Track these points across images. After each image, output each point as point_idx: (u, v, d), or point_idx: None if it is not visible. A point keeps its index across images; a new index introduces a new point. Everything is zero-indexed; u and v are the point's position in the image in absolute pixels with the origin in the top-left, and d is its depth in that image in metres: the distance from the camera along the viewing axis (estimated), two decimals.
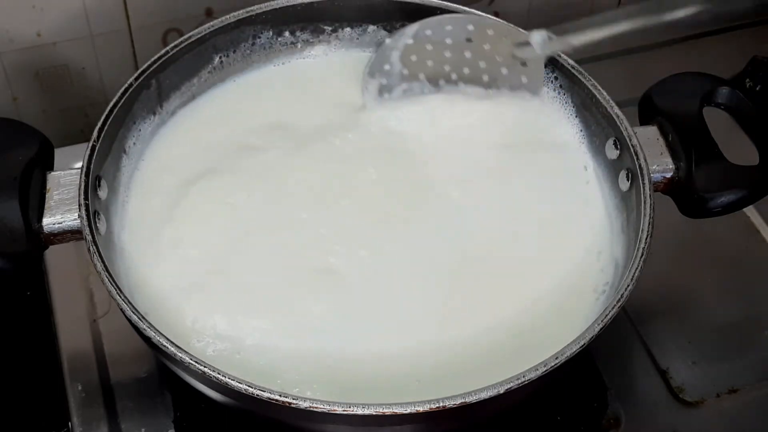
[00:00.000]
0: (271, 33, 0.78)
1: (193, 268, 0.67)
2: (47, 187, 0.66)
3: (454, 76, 0.76)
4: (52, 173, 0.66)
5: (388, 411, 0.54)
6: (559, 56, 0.74)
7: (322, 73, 0.80)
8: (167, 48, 0.73)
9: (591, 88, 0.72)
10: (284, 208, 0.70)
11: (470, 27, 0.75)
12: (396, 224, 0.69)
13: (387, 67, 0.76)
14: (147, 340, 0.58)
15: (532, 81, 0.76)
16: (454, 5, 0.76)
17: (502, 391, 0.55)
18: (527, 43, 0.73)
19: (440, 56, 0.76)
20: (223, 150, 0.73)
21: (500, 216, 0.70)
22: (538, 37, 0.73)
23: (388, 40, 0.76)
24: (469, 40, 0.75)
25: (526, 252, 0.69)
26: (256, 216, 0.69)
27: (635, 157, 0.67)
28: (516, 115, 0.76)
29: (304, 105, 0.77)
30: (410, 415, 0.55)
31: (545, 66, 0.75)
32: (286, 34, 0.79)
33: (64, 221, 0.64)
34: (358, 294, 0.66)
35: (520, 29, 0.74)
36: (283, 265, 0.67)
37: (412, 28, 0.76)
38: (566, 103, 0.75)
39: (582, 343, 0.58)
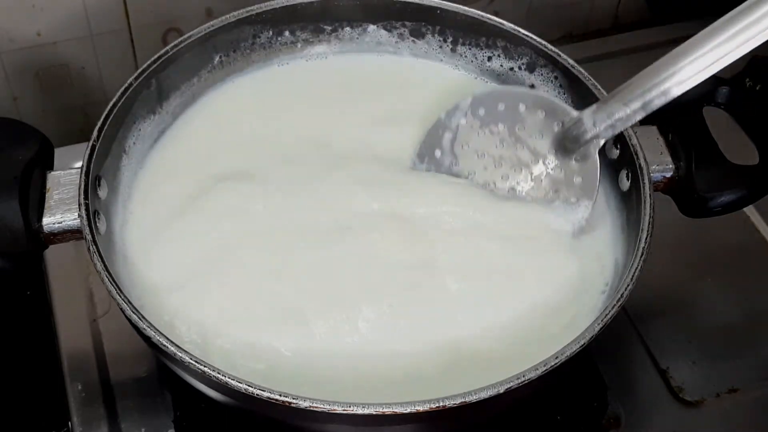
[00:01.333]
0: (270, 32, 0.78)
1: (191, 271, 0.67)
2: (47, 187, 0.66)
3: (503, 182, 0.71)
4: (52, 173, 0.66)
5: (388, 411, 0.54)
6: (559, 56, 0.74)
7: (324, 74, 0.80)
8: (167, 48, 0.73)
9: (591, 87, 0.72)
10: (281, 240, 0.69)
11: (522, 108, 0.70)
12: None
13: (438, 153, 0.73)
14: (147, 339, 0.58)
15: (585, 180, 0.69)
16: (455, 5, 0.76)
17: (502, 391, 0.55)
18: (580, 124, 0.67)
19: (491, 149, 0.72)
20: (230, 165, 0.73)
21: (500, 219, 0.70)
22: (589, 113, 0.66)
23: (442, 115, 0.73)
24: (521, 126, 0.71)
25: (526, 252, 0.69)
26: (251, 238, 0.68)
27: (635, 157, 0.67)
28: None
29: (321, 114, 0.77)
30: (410, 414, 0.55)
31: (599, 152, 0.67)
32: (286, 33, 0.79)
33: (63, 221, 0.64)
34: (323, 341, 0.64)
35: (568, 107, 0.69)
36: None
37: (466, 102, 0.73)
38: (566, 102, 0.75)
39: (582, 342, 0.58)
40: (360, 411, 0.54)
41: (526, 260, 0.68)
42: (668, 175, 0.69)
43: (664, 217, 0.66)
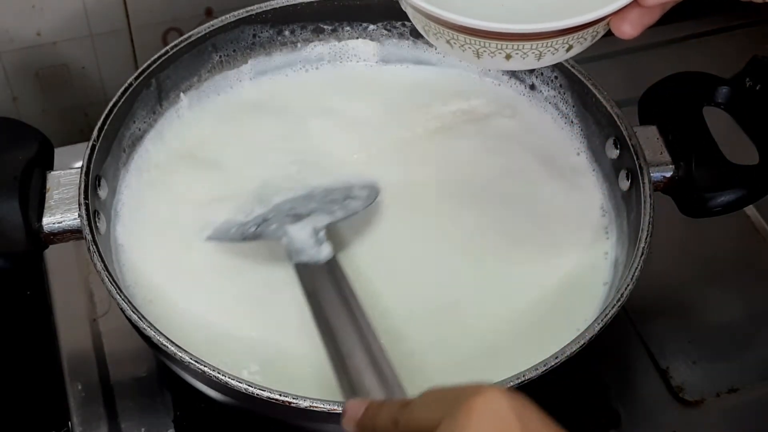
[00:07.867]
0: (270, 32, 0.78)
1: (194, 269, 0.67)
2: (47, 187, 0.66)
3: None
4: (52, 173, 0.66)
5: None
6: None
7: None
8: (167, 47, 0.73)
9: (591, 87, 0.72)
10: None
11: None
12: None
13: None
14: (147, 339, 0.58)
15: None
16: None
17: None
18: None
19: None
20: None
21: (502, 218, 0.70)
22: None
23: None
24: None
25: (526, 253, 0.69)
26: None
27: (635, 157, 0.67)
28: None
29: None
30: None
31: None
32: (286, 33, 0.79)
33: (64, 221, 0.64)
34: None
35: None
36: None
37: None
38: (566, 102, 0.75)
39: (582, 342, 0.58)
40: None
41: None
42: (668, 175, 0.69)
43: (664, 217, 0.66)
